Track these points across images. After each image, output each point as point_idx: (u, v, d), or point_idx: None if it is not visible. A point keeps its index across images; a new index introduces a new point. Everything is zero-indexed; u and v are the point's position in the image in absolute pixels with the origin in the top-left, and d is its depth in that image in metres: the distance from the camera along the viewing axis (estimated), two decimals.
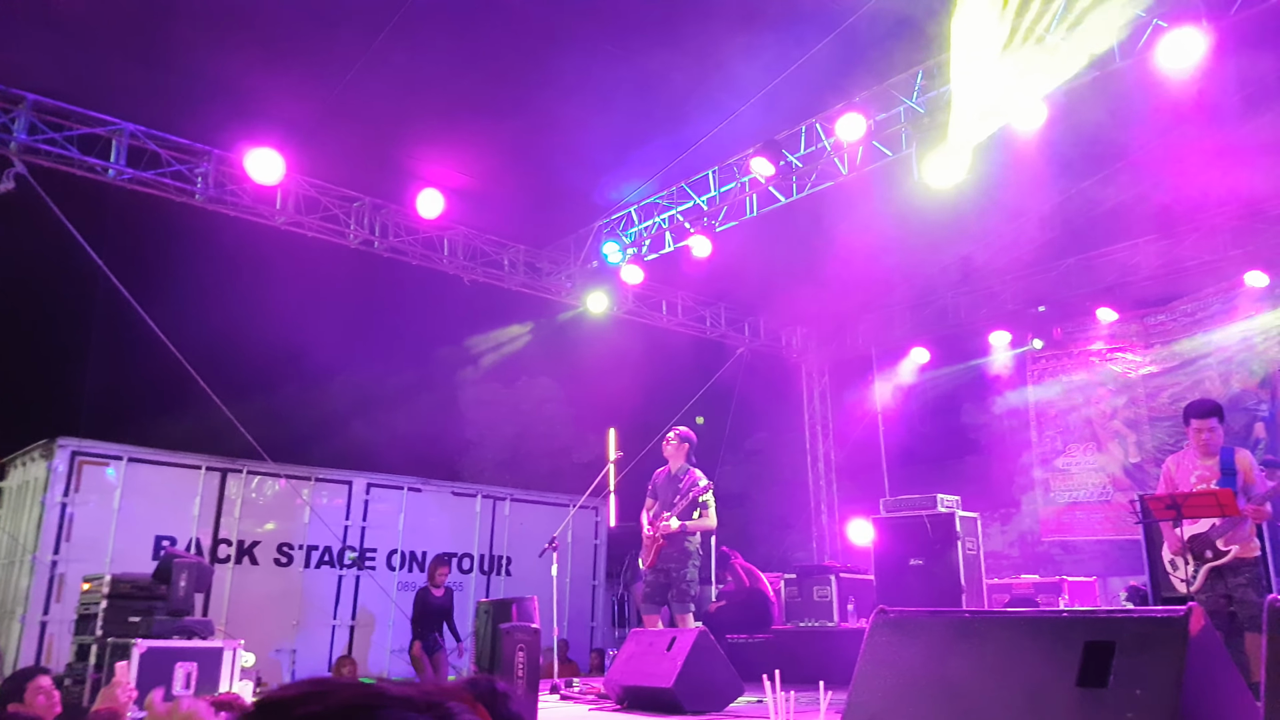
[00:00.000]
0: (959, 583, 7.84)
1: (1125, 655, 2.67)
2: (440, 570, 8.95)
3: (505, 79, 7.71)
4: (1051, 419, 11.35)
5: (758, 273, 10.95)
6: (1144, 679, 2.61)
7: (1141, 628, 2.69)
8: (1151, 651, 2.64)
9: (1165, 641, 2.62)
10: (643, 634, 6.45)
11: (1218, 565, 5.62)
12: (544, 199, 9.56)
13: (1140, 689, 2.60)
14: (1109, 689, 2.66)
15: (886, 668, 3.22)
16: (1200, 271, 9.60)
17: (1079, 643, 2.75)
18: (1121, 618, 2.79)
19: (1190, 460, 5.87)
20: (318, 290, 8.96)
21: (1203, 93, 6.72)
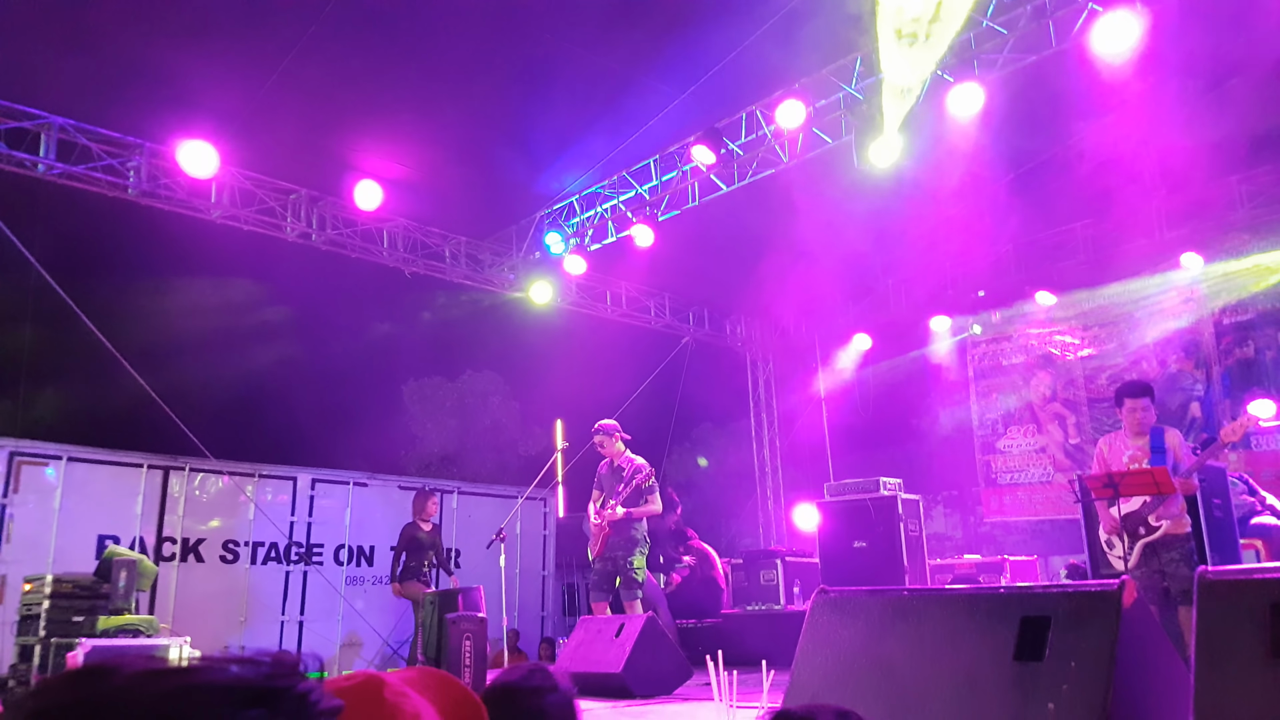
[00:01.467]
0: (902, 564, 7.99)
1: (1060, 629, 2.74)
2: (429, 503, 8.80)
3: (443, 69, 7.60)
4: (992, 402, 11.58)
5: (701, 262, 10.97)
6: (1078, 652, 2.67)
7: (1075, 602, 2.76)
8: (1085, 625, 2.70)
9: (1098, 615, 2.69)
10: (591, 621, 6.47)
11: (1151, 541, 5.78)
12: (484, 190, 9.46)
13: (1075, 661, 2.67)
14: (1044, 662, 2.72)
15: (827, 647, 3.25)
16: (1137, 254, 9.85)
17: (1015, 618, 2.82)
18: (1056, 593, 2.86)
19: (1122, 440, 6.04)
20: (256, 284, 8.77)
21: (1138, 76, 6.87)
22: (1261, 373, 9.45)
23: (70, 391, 10.42)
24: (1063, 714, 2.65)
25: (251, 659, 0.87)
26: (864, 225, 9.51)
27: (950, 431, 11.65)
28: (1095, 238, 9.99)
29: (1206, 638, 2.45)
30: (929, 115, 7.43)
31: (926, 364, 12.02)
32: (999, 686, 2.79)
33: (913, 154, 7.71)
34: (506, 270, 10.68)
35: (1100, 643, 2.60)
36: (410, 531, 8.74)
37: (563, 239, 10.12)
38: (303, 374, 8.73)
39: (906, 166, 7.92)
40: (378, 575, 10.33)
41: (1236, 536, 6.63)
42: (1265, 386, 9.29)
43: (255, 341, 8.36)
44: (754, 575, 9.66)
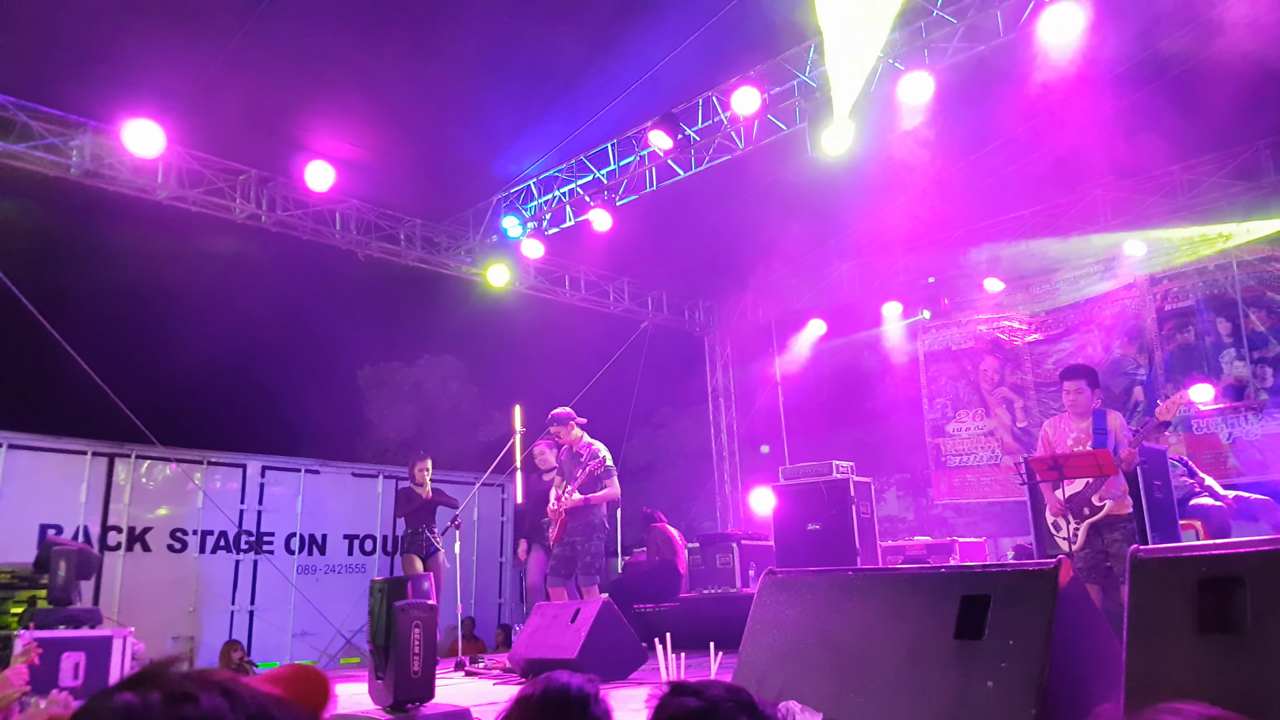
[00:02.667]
0: (854, 545, 8.09)
1: (999, 608, 2.80)
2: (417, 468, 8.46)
3: (397, 48, 7.49)
4: (942, 386, 11.77)
5: (660, 246, 10.98)
6: (1016, 630, 2.73)
7: (1014, 580, 2.82)
8: (1023, 603, 2.77)
9: (1036, 593, 2.75)
10: (547, 607, 6.48)
11: (1095, 521, 5.93)
12: (440, 172, 9.35)
13: (1013, 639, 2.73)
14: (984, 640, 2.78)
15: (775, 627, 3.30)
16: (1081, 241, 10.05)
17: (956, 597, 2.87)
18: (995, 572, 2.92)
19: (1066, 423, 6.19)
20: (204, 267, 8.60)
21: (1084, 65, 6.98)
22: (1201, 357, 9.71)
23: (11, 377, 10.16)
24: (1002, 690, 2.71)
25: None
26: (819, 211, 9.58)
27: (902, 415, 11.81)
28: (1042, 225, 10.18)
29: (1138, 613, 2.52)
30: (881, 103, 7.48)
31: (879, 349, 12.18)
32: (941, 663, 2.84)
33: (865, 142, 7.76)
34: (463, 254, 10.59)
35: (1037, 620, 2.66)
36: (405, 495, 8.47)
37: (520, 222, 10.06)
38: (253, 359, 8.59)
39: (859, 154, 7.98)
40: (330, 564, 10.24)
41: (1176, 517, 6.81)
42: (1204, 371, 9.54)
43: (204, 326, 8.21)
44: (710, 559, 9.74)
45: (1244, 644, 2.38)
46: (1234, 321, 9.54)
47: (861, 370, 12.28)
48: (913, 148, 7.95)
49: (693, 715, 1.45)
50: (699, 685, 1.49)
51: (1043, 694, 2.59)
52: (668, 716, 1.48)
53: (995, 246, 10.53)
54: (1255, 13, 6.69)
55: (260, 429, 9.38)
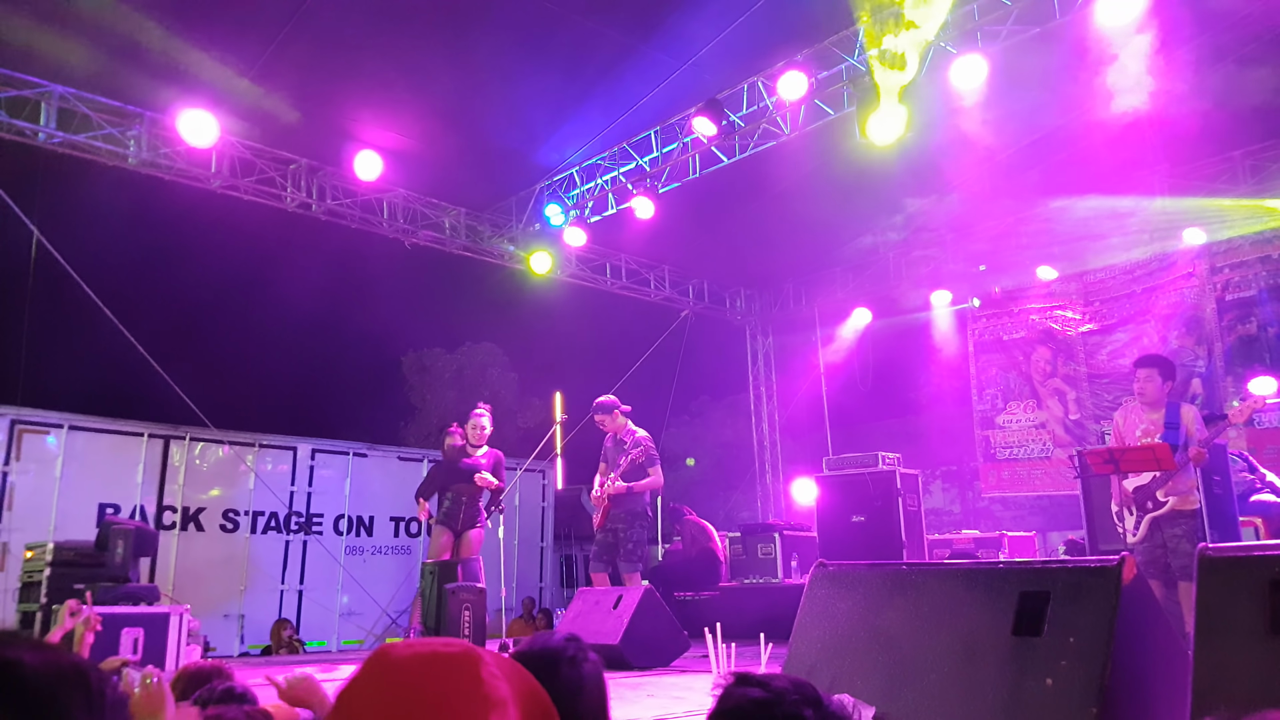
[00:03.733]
0: (900, 538, 8.01)
1: (1059, 604, 2.74)
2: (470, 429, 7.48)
3: (440, 38, 7.53)
4: (992, 377, 11.56)
5: (702, 234, 10.92)
6: (1077, 627, 2.68)
7: (1075, 577, 2.76)
8: (1084, 600, 2.70)
9: (1098, 590, 2.69)
10: (590, 592, 6.50)
11: (1157, 516, 5.79)
12: (484, 161, 9.39)
13: (1074, 637, 2.67)
14: (1043, 637, 2.72)
15: (825, 620, 3.27)
16: (1139, 229, 9.79)
17: (1014, 593, 2.82)
18: (1056, 568, 2.86)
19: (1137, 413, 6.02)
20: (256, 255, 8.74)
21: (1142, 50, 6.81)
22: (1263, 349, 9.43)
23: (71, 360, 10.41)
24: (1061, 689, 2.66)
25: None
26: (865, 198, 9.45)
27: (949, 406, 11.64)
28: (1097, 212, 9.91)
29: (1206, 614, 2.46)
30: (932, 87, 7.35)
31: (927, 339, 12.00)
32: (997, 660, 2.80)
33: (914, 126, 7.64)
34: (506, 242, 10.63)
35: (1099, 618, 2.60)
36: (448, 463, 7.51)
37: (562, 210, 10.07)
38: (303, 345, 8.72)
39: (908, 139, 7.85)
40: (377, 545, 10.40)
41: (1236, 513, 6.64)
42: (1266, 363, 9.27)
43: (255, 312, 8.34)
44: (752, 549, 9.70)
45: None
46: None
47: (907, 360, 12.11)
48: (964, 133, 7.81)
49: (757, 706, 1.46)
50: (764, 678, 1.50)
51: (1104, 693, 2.54)
52: (732, 705, 1.48)
53: (1049, 233, 10.29)
54: None
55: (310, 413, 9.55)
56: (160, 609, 6.05)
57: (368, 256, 9.52)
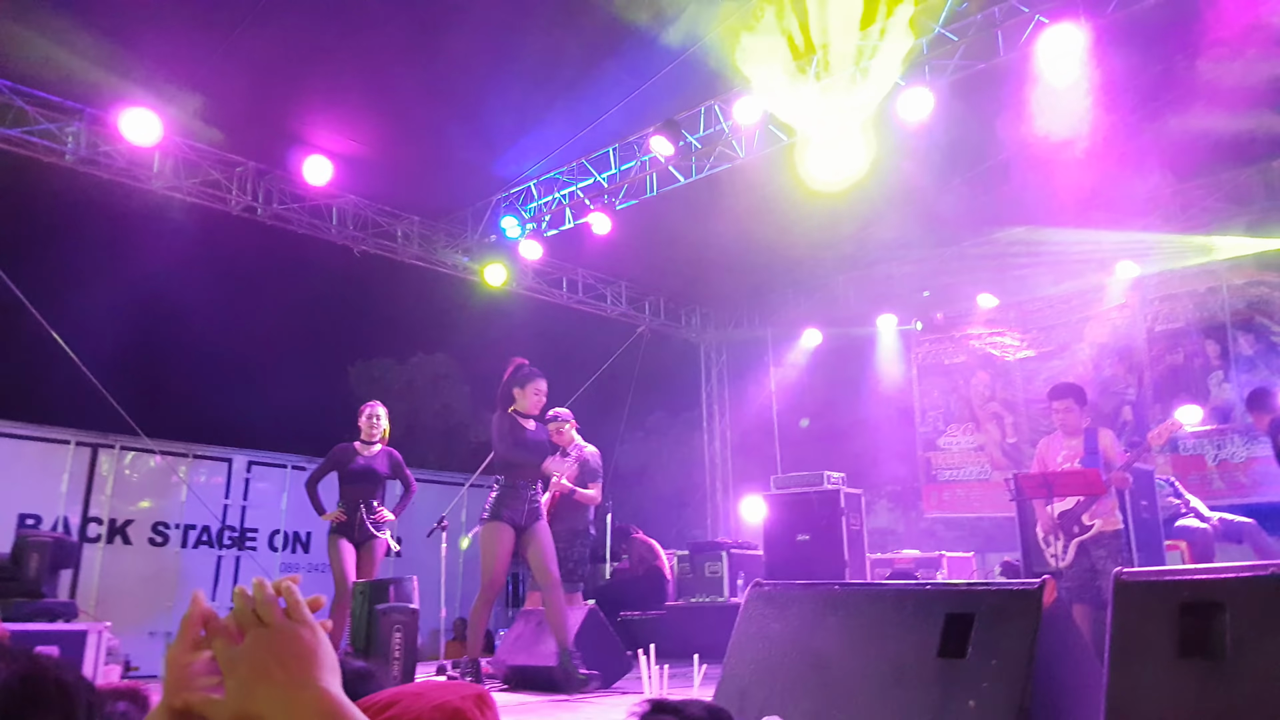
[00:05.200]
0: (843, 557, 8.08)
1: (983, 627, 2.78)
2: (363, 422, 6.74)
3: (400, 46, 7.48)
4: (934, 400, 11.80)
5: (658, 252, 10.96)
6: (999, 650, 2.72)
7: (998, 600, 2.80)
8: (1007, 623, 2.75)
9: (1020, 613, 2.73)
10: (532, 613, 6.44)
11: (1084, 539, 5.94)
12: (439, 170, 9.33)
13: (996, 659, 2.72)
14: (967, 659, 2.76)
15: (760, 640, 3.28)
16: (1076, 261, 10.08)
17: (940, 615, 2.86)
18: (980, 590, 2.90)
19: (1058, 441, 6.21)
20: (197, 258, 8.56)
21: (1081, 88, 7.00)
22: (1189, 379, 9.74)
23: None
24: (984, 711, 2.69)
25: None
26: (817, 222, 9.55)
27: (894, 427, 11.82)
28: (1036, 243, 10.20)
29: (1120, 636, 2.51)
30: (881, 118, 7.48)
31: (873, 361, 12.19)
32: (924, 682, 2.83)
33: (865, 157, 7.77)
34: (460, 252, 10.56)
35: (1020, 641, 2.64)
36: (337, 458, 6.74)
37: (519, 223, 10.04)
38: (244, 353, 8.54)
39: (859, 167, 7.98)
40: (314, 562, 10.16)
41: (1162, 537, 6.82)
42: (1192, 393, 9.56)
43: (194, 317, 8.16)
44: (699, 567, 9.70)
45: (1223, 669, 2.37)
46: (1222, 344, 9.57)
47: (856, 381, 12.28)
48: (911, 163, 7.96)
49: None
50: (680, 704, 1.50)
51: (1023, 714, 2.58)
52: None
53: (989, 263, 10.55)
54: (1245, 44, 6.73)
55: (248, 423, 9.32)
56: (77, 626, 5.80)
57: (315, 263, 9.39)
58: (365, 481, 6.66)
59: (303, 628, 0.87)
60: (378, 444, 6.80)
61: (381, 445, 6.81)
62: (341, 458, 6.71)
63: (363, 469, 6.67)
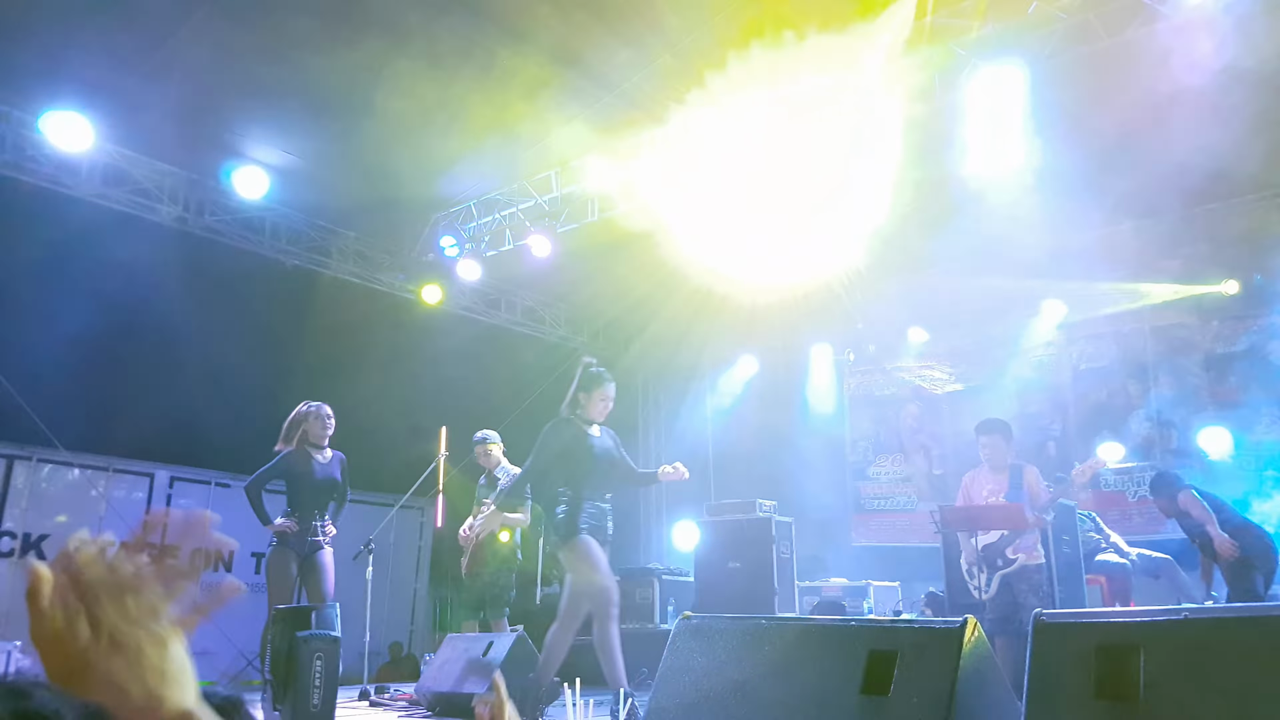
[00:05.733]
0: (773, 585, 8.12)
1: (905, 665, 2.82)
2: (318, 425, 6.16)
3: (342, 61, 7.39)
4: (864, 430, 12.02)
5: (598, 277, 10.97)
6: (921, 688, 2.76)
7: (920, 638, 2.85)
8: (929, 661, 2.79)
9: (941, 652, 2.78)
10: (459, 639, 6.35)
11: (1007, 573, 6.06)
12: (378, 187, 9.22)
13: (917, 697, 2.75)
14: (889, 697, 2.79)
15: (687, 672, 3.28)
16: (1004, 299, 10.36)
17: (864, 651, 2.89)
18: (903, 628, 2.94)
19: (983, 475, 6.34)
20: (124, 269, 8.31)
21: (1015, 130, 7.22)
22: (1112, 417, 10.06)
23: None
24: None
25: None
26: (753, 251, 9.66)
27: (826, 456, 11.96)
28: (967, 282, 10.47)
29: (1038, 676, 2.56)
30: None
31: (807, 390, 12.35)
32: (846, 718, 2.85)
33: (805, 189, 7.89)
34: (397, 270, 10.44)
35: (942, 681, 2.68)
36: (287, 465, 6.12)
37: (458, 243, 9.96)
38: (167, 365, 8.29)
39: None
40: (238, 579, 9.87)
41: (1082, 572, 6.99)
42: (1115, 430, 9.87)
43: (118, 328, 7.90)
44: (630, 593, 9.66)
45: (1137, 711, 2.43)
46: (1144, 384, 9.90)
47: (789, 410, 12.41)
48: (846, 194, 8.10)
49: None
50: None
51: None
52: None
53: (921, 298, 10.81)
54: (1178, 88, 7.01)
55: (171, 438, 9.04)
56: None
57: (247, 277, 9.18)
58: (325, 491, 6.12)
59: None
60: (328, 449, 6.29)
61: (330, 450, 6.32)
62: (296, 463, 6.06)
63: (324, 477, 6.10)
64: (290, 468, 6.09)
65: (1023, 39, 6.53)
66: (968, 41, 6.77)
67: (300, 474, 6.06)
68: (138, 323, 8.19)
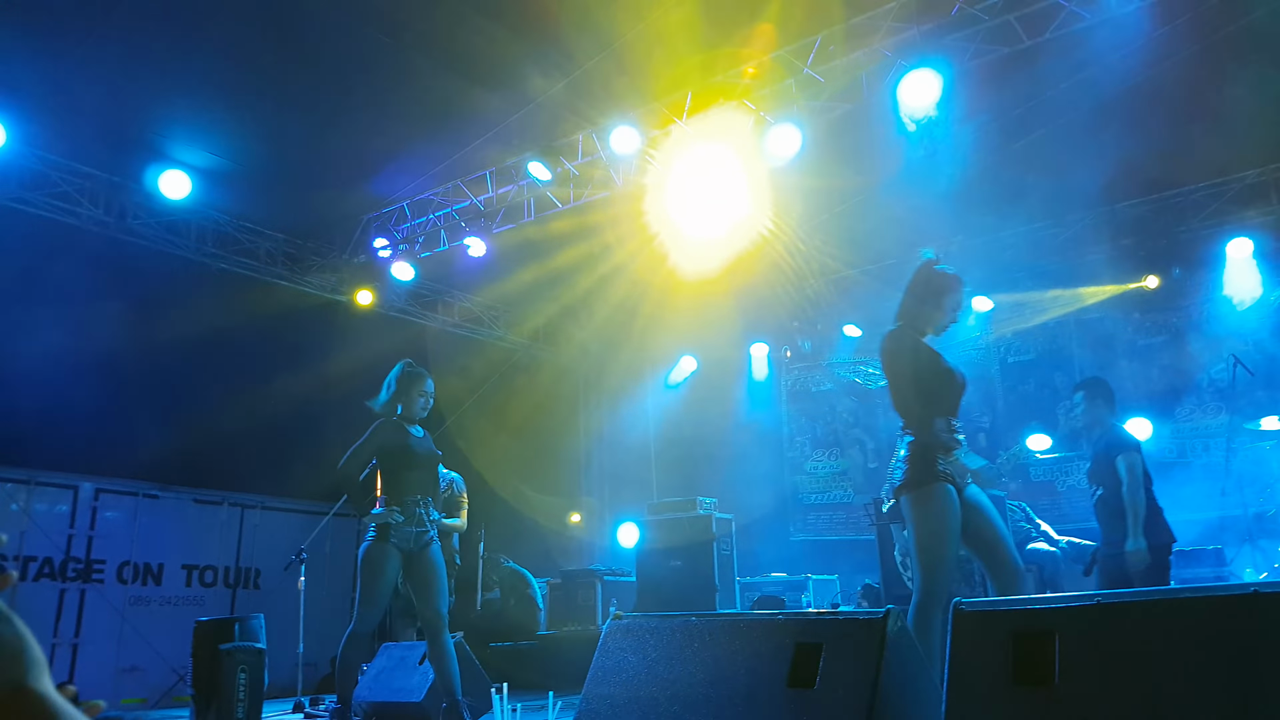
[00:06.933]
0: (713, 582, 8.17)
1: (831, 656, 2.85)
2: (423, 394, 5.14)
3: (269, 60, 7.26)
4: (801, 425, 12.20)
5: (536, 277, 10.91)
6: (845, 679, 2.79)
7: (845, 629, 2.88)
8: (853, 652, 2.83)
9: (865, 642, 2.81)
10: (394, 647, 6.27)
11: None
12: (307, 188, 9.07)
13: (842, 689, 2.79)
14: (815, 689, 2.82)
15: (617, 672, 3.27)
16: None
17: (791, 644, 2.91)
18: (829, 620, 2.98)
19: None
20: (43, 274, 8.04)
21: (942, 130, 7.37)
22: (1040, 408, 10.34)
23: None
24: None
25: None
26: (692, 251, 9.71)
27: (764, 452, 12.10)
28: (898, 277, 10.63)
29: (957, 664, 2.61)
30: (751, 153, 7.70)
31: (746, 387, 12.47)
32: (773, 711, 2.87)
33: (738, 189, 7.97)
34: (328, 273, 10.26)
35: (865, 670, 2.72)
36: (386, 435, 5.05)
37: (391, 244, 9.83)
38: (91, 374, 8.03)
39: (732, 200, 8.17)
40: (165, 595, 9.60)
41: None
42: (1043, 421, 10.15)
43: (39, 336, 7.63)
44: (572, 594, 9.64)
45: (1053, 694, 2.49)
46: (1069, 376, 10.20)
47: (729, 407, 12.51)
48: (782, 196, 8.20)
49: None
50: None
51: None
52: None
53: (854, 295, 10.99)
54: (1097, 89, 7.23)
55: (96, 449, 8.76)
56: None
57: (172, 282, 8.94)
58: (430, 469, 5.07)
59: None
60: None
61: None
62: (395, 436, 4.93)
63: (428, 452, 5.02)
64: (388, 441, 4.98)
65: (945, 42, 6.66)
66: (895, 44, 6.88)
67: (401, 449, 4.96)
68: (58, 330, 7.92)
